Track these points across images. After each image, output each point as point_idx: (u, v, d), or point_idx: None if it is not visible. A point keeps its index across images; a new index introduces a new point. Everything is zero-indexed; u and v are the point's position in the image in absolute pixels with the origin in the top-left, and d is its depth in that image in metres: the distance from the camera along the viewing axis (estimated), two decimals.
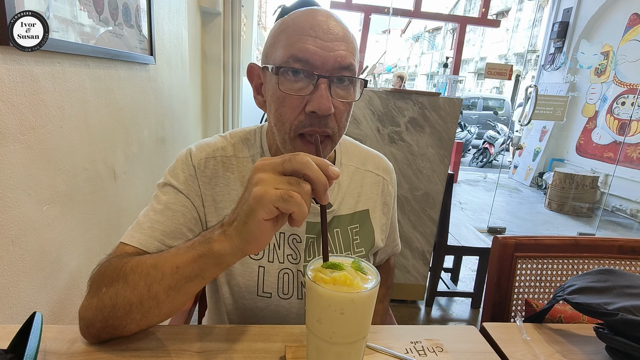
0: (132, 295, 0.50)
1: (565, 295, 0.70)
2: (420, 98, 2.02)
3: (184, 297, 0.51)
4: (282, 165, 0.43)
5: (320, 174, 0.42)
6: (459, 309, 2.43)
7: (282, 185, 0.42)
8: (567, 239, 0.94)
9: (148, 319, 0.52)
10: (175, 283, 0.49)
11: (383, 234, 0.83)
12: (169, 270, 0.49)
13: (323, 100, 0.57)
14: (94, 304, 0.52)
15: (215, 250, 0.46)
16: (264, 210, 0.42)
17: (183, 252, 0.49)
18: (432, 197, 2.16)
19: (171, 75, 1.66)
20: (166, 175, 0.68)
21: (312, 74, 0.58)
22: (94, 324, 0.53)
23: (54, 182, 0.85)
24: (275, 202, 0.41)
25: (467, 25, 5.86)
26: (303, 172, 0.42)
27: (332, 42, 0.58)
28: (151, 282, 0.49)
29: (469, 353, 0.63)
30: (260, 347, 0.59)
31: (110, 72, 1.10)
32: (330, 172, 0.43)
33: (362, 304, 0.45)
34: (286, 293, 0.71)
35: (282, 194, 0.41)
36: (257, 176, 0.43)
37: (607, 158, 5.31)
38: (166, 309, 0.52)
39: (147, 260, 0.51)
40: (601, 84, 5.42)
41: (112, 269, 0.54)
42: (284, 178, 0.43)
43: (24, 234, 0.75)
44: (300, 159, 0.42)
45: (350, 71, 0.60)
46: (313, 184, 0.43)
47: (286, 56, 0.58)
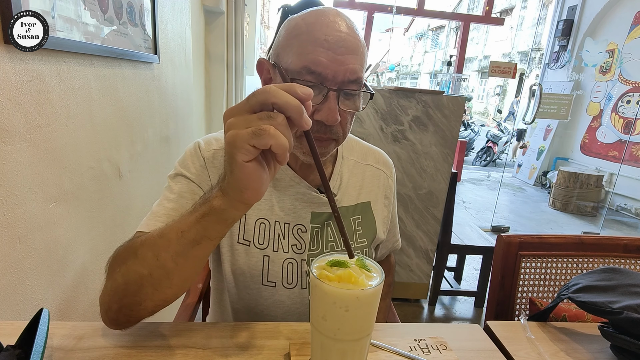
0: (141, 267, 0.50)
1: (570, 293, 0.70)
2: (424, 96, 2.01)
3: (193, 263, 0.51)
4: (248, 103, 0.41)
5: (289, 97, 0.40)
6: (462, 308, 2.43)
7: (252, 123, 0.40)
8: (571, 238, 0.94)
9: (160, 291, 0.52)
10: (182, 248, 0.48)
11: (385, 226, 0.85)
12: (175, 236, 0.49)
13: (332, 113, 0.60)
14: (109, 287, 0.54)
15: (216, 206, 0.46)
16: (241, 152, 0.41)
17: (186, 216, 0.49)
18: (436, 196, 2.16)
19: (175, 74, 1.66)
20: (176, 166, 0.70)
21: (322, 86, 0.59)
22: (112, 307, 0.54)
23: (60, 181, 0.85)
24: (249, 139, 0.40)
25: (471, 23, 5.83)
26: (270, 102, 0.40)
27: (344, 56, 0.59)
28: (158, 251, 0.49)
29: (472, 351, 0.63)
30: (264, 344, 0.59)
31: (115, 71, 1.10)
32: (299, 93, 0.41)
33: (367, 301, 0.45)
34: (290, 282, 0.72)
35: (254, 130, 0.40)
36: (228, 122, 0.42)
37: (611, 157, 5.28)
38: (177, 278, 0.51)
39: (155, 232, 0.52)
40: (606, 82, 5.39)
41: (124, 248, 0.55)
42: (253, 115, 0.41)
43: (30, 232, 0.75)
44: (263, 89, 0.41)
45: (357, 84, 0.62)
46: (285, 110, 0.41)
47: (299, 66, 0.59)
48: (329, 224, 0.75)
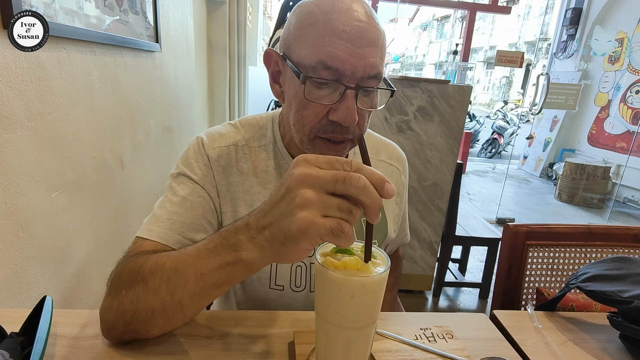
0: (154, 301, 0.47)
1: (579, 282, 0.68)
2: (429, 86, 1.98)
3: (210, 300, 0.49)
4: (334, 186, 0.37)
5: (376, 197, 0.37)
6: (466, 300, 2.43)
7: (331, 212, 0.37)
8: (579, 227, 0.92)
9: (172, 323, 0.50)
10: (200, 290, 0.46)
11: (395, 225, 0.82)
12: (193, 277, 0.45)
13: (349, 112, 0.55)
14: (115, 307, 0.50)
15: (245, 259, 0.42)
16: (308, 241, 0.38)
17: (205, 257, 0.45)
18: (441, 187, 2.14)
19: (177, 63, 1.65)
20: (179, 165, 0.66)
21: (339, 84, 0.55)
22: (116, 327, 0.51)
23: (62, 170, 0.85)
24: (324, 235, 0.37)
25: (477, 12, 5.73)
26: (358, 198, 0.37)
27: (364, 49, 0.54)
28: (174, 288, 0.46)
29: (479, 340, 0.62)
30: (268, 333, 0.59)
31: (116, 59, 1.09)
32: (385, 192, 0.38)
33: (373, 288, 0.44)
34: (298, 286, 0.71)
35: (333, 227, 0.36)
36: (302, 193, 0.38)
37: (619, 148, 5.20)
38: (191, 313, 0.50)
39: (166, 263, 0.48)
40: (615, 72, 5.29)
41: (129, 270, 0.51)
42: (333, 201, 0.37)
43: (33, 221, 0.75)
44: (357, 183, 0.36)
45: (377, 80, 0.57)
46: (366, 208, 0.38)
47: (314, 60, 0.54)
48: None
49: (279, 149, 0.70)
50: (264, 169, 0.69)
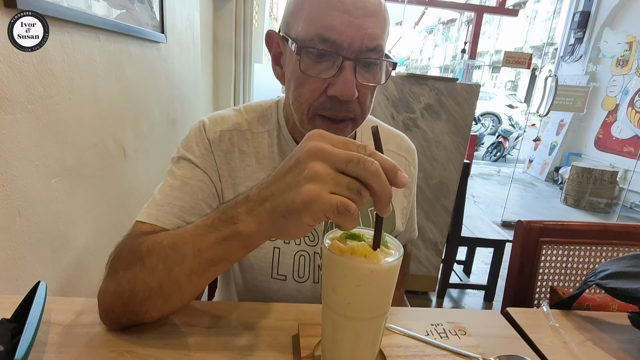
0: (151, 279, 0.45)
1: (598, 280, 0.65)
2: (437, 84, 1.95)
3: (207, 280, 0.47)
4: (346, 166, 0.36)
5: (387, 185, 0.36)
6: (471, 302, 2.39)
7: (340, 190, 0.35)
8: (595, 225, 0.89)
9: (170, 304, 0.48)
10: (197, 267, 0.44)
11: (404, 218, 0.80)
12: (190, 254, 0.43)
13: (347, 86, 0.53)
14: (112, 288, 0.49)
15: (242, 231, 0.40)
16: (311, 216, 0.36)
17: (203, 233, 0.43)
18: (447, 186, 2.10)
19: (182, 56, 1.63)
20: (179, 149, 0.64)
21: (337, 55, 0.53)
22: (114, 310, 0.49)
23: (62, 155, 0.83)
24: (328, 211, 0.35)
25: (484, 14, 5.70)
26: (368, 183, 0.36)
27: (362, 19, 0.52)
28: (171, 266, 0.44)
29: (492, 338, 0.59)
30: (272, 325, 0.56)
31: (121, 47, 1.07)
32: (398, 180, 0.36)
33: (381, 277, 0.42)
34: (302, 276, 0.68)
35: (339, 205, 0.34)
36: (312, 166, 0.36)
37: (627, 153, 5.14)
38: (189, 293, 0.47)
39: (164, 241, 0.46)
40: (623, 77, 5.23)
41: (127, 250, 0.50)
42: (343, 179, 0.36)
43: (30, 206, 0.73)
44: (370, 167, 0.35)
45: (378, 53, 0.55)
46: (376, 196, 0.36)
47: (310, 33, 0.52)
48: None
49: (284, 135, 0.68)
50: (268, 155, 0.67)
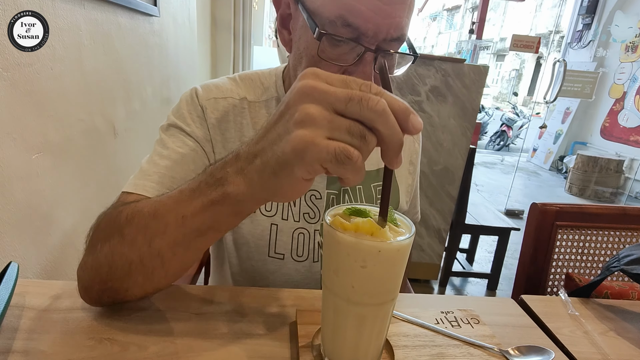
0: (130, 252, 0.40)
1: (623, 265, 0.60)
2: (444, 65, 1.88)
3: (194, 254, 0.41)
4: (346, 106, 0.29)
5: (397, 129, 0.29)
6: (474, 290, 2.35)
7: (338, 134, 0.29)
8: (614, 208, 0.84)
9: (153, 281, 0.43)
10: (182, 238, 0.39)
11: (408, 196, 0.75)
12: (173, 222, 0.38)
13: (365, 79, 0.47)
14: (90, 263, 0.44)
15: (231, 194, 0.35)
16: (305, 168, 0.30)
17: (188, 197, 0.38)
18: (452, 173, 2.04)
19: (177, 33, 1.55)
20: (170, 116, 0.59)
21: (358, 44, 0.47)
22: (92, 287, 0.44)
23: (44, 129, 0.77)
24: (325, 161, 0.29)
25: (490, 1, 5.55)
26: (374, 125, 0.29)
27: (392, 6, 0.46)
28: (152, 237, 0.39)
29: (507, 327, 0.54)
30: (267, 311, 0.51)
31: (109, 17, 1.00)
32: (411, 125, 0.30)
33: (389, 257, 0.36)
34: (300, 255, 0.63)
35: (338, 151, 0.29)
36: (304, 108, 0.30)
37: (633, 142, 5.06)
38: (174, 268, 0.42)
39: (144, 208, 0.41)
40: (631, 64, 5.12)
41: (106, 221, 0.45)
42: (342, 122, 0.30)
43: (8, 182, 0.68)
44: (375, 105, 0.29)
45: (400, 42, 0.50)
46: (383, 142, 0.30)
47: (333, 14, 0.46)
48: (346, 190, 0.65)
49: None
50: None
